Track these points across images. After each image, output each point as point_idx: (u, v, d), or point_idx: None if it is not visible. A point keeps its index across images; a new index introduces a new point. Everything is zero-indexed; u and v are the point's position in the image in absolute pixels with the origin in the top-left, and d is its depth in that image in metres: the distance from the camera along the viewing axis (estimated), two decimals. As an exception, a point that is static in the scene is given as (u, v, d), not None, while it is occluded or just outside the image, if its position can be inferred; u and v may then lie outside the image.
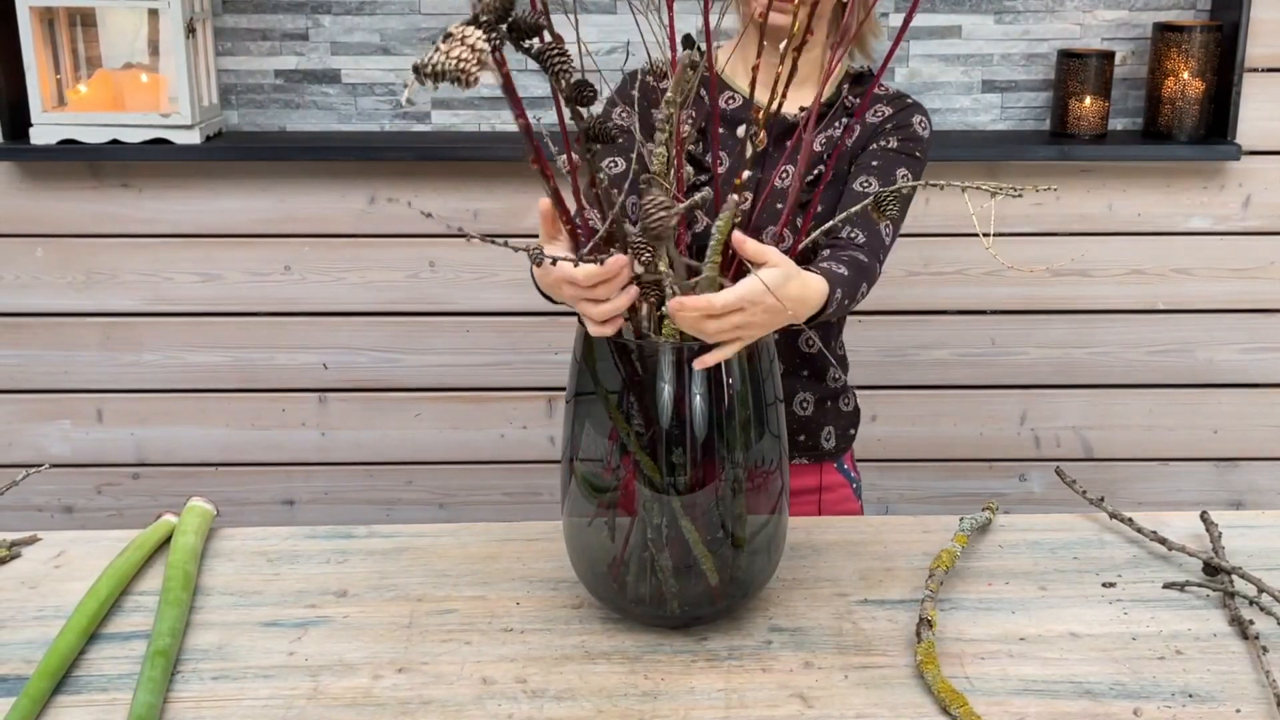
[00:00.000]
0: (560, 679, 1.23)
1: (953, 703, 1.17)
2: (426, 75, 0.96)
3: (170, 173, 2.57)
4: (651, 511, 1.25)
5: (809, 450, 1.74)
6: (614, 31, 2.55)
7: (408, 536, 1.53)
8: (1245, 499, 2.77)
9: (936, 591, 1.35)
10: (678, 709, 1.18)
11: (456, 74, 0.96)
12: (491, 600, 1.38)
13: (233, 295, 2.65)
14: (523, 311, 2.68)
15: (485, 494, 2.80)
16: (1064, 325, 2.69)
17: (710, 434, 1.24)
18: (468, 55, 0.97)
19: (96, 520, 2.78)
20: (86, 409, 2.72)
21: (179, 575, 1.36)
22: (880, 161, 1.62)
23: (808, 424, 1.73)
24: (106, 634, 1.31)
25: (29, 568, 1.45)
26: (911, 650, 1.27)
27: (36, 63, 2.42)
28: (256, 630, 1.32)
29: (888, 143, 1.63)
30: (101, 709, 1.18)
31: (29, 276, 2.63)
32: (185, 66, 2.41)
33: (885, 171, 1.61)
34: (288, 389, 2.72)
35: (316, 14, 2.56)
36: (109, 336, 2.67)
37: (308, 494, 2.79)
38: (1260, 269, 2.67)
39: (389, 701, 1.19)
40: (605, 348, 1.24)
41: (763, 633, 1.31)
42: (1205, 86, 2.52)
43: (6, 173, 2.57)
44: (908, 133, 1.65)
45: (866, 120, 1.65)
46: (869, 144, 1.64)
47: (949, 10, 2.58)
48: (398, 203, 2.59)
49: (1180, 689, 1.22)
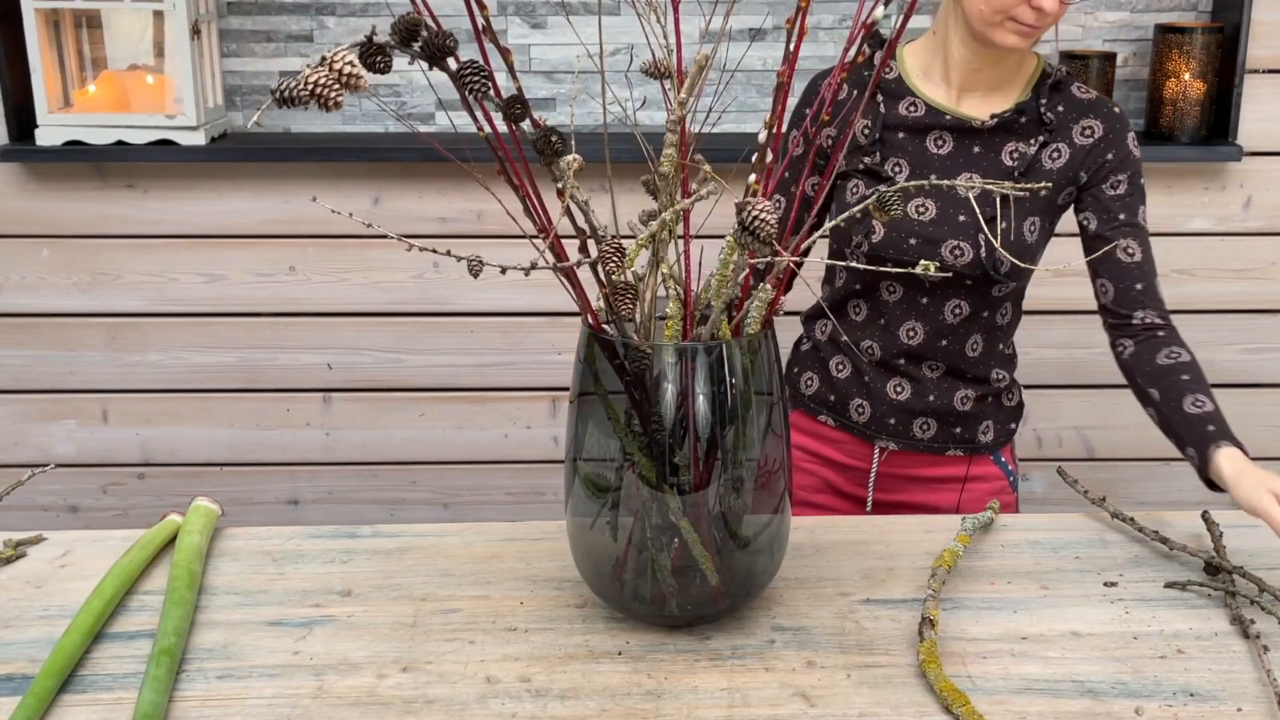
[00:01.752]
0: (564, 678, 1.23)
1: (955, 702, 1.17)
2: (279, 100, 0.98)
3: (175, 174, 2.58)
4: (652, 512, 1.26)
5: (964, 443, 1.78)
6: (617, 33, 2.56)
7: (412, 536, 1.53)
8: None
9: (939, 591, 1.35)
10: (681, 708, 1.19)
11: (308, 98, 0.98)
12: (495, 600, 1.38)
13: (237, 296, 2.66)
14: (526, 312, 2.69)
15: (489, 494, 2.80)
16: (1066, 325, 2.70)
17: (713, 434, 1.24)
18: (327, 79, 0.99)
19: (102, 520, 2.79)
20: (92, 409, 2.73)
21: (184, 575, 1.37)
22: (1125, 214, 1.63)
23: (966, 418, 1.76)
24: (112, 633, 1.31)
25: (35, 567, 1.46)
26: (914, 649, 1.28)
27: (42, 64, 2.43)
28: (261, 629, 1.32)
29: (1117, 188, 1.63)
30: (107, 708, 1.19)
31: (34, 277, 2.64)
32: (190, 68, 2.41)
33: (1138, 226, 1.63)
34: (292, 389, 2.73)
35: (321, 15, 2.57)
36: (114, 337, 2.68)
37: (312, 494, 2.79)
38: (1261, 269, 2.67)
39: (393, 700, 1.20)
40: (608, 348, 1.25)
41: (766, 632, 1.32)
42: (1206, 88, 2.52)
43: (12, 174, 2.57)
44: (1129, 164, 1.64)
45: (1075, 141, 1.64)
46: (1096, 180, 1.64)
47: (951, 11, 2.58)
48: (399, 203, 2.60)
49: (1181, 688, 1.22)
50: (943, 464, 1.78)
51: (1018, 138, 1.64)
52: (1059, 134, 1.63)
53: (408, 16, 1.07)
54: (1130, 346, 1.61)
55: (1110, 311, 1.64)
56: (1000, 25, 1.54)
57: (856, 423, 1.76)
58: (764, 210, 1.12)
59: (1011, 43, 1.55)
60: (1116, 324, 1.63)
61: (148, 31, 2.51)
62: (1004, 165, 1.64)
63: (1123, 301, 1.62)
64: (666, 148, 1.21)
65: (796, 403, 1.81)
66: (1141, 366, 1.58)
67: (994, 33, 1.55)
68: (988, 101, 1.65)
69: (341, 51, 1.00)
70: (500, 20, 2.56)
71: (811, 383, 1.79)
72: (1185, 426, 1.49)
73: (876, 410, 1.74)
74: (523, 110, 1.13)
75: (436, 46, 1.07)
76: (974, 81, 1.64)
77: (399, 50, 1.06)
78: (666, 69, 1.21)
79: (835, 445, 1.79)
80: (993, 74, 1.63)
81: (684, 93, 1.19)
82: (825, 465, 1.79)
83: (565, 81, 2.61)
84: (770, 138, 1.19)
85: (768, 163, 1.20)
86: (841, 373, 1.75)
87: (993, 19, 1.54)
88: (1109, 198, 1.63)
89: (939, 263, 1.61)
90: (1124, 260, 1.62)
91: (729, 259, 1.22)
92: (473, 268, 1.11)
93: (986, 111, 1.64)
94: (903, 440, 1.76)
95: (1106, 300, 1.64)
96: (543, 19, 2.57)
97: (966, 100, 1.65)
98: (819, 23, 2.57)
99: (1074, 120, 1.64)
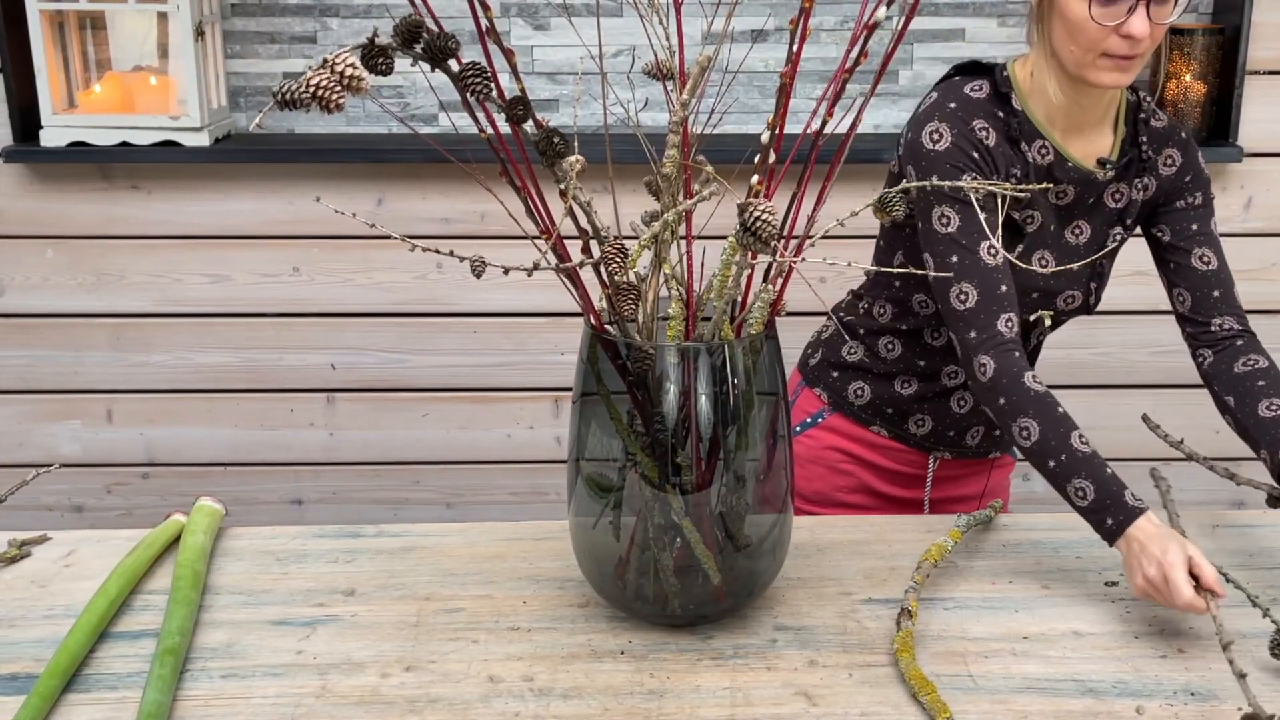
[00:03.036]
0: (567, 677, 1.24)
1: (921, 690, 1.19)
2: (280, 102, 0.98)
3: (179, 175, 2.59)
4: (654, 511, 1.26)
5: (1003, 445, 1.84)
6: (619, 35, 2.56)
7: (415, 536, 1.54)
8: (1247, 499, 2.78)
9: (922, 584, 1.36)
10: (683, 707, 1.19)
11: (310, 101, 0.99)
12: (498, 599, 1.39)
13: (241, 296, 2.67)
14: (529, 312, 2.69)
15: (492, 494, 2.81)
16: (1067, 326, 2.68)
17: (715, 434, 1.24)
18: (328, 81, 0.99)
19: (106, 520, 2.79)
20: (96, 409, 2.73)
21: (188, 574, 1.37)
22: (1196, 225, 1.63)
23: None
24: (116, 633, 1.32)
25: (39, 567, 1.46)
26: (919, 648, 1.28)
27: (47, 65, 2.43)
28: (265, 629, 1.33)
29: (1194, 199, 1.64)
30: (111, 707, 1.19)
31: (39, 278, 2.65)
32: (194, 69, 2.42)
33: (1211, 234, 1.64)
34: (296, 389, 2.73)
35: (324, 17, 2.57)
36: (119, 337, 2.69)
37: (316, 494, 2.80)
38: (1262, 270, 2.67)
39: (396, 700, 1.20)
40: (611, 349, 1.25)
41: (768, 631, 1.32)
42: (1207, 89, 2.52)
43: (17, 175, 2.58)
44: (1202, 180, 1.65)
45: (1160, 173, 1.63)
46: (1172, 199, 1.64)
47: (952, 14, 2.58)
48: (403, 204, 2.61)
49: (1182, 687, 1.22)
50: (984, 465, 1.84)
51: (1120, 179, 1.62)
52: (1150, 168, 1.63)
53: (409, 18, 1.07)
54: (1210, 356, 1.62)
55: (1189, 320, 1.64)
56: (1094, 64, 1.48)
57: (914, 435, 1.76)
58: (766, 211, 1.12)
59: (1111, 80, 1.48)
60: (1196, 332, 1.63)
61: (152, 33, 2.51)
62: (1109, 208, 1.63)
63: (1200, 309, 1.62)
64: (669, 149, 1.21)
65: (838, 408, 1.78)
66: (1220, 375, 1.59)
67: (1090, 73, 1.48)
68: (1090, 142, 1.60)
69: (343, 53, 1.01)
70: (503, 22, 2.56)
71: (863, 393, 1.75)
72: (1259, 430, 1.50)
73: (938, 425, 1.75)
74: (525, 111, 1.13)
75: (438, 48, 1.08)
76: (1079, 124, 1.58)
77: (401, 52, 1.07)
78: (669, 70, 1.21)
79: (885, 453, 1.78)
80: (1096, 111, 1.58)
81: (686, 94, 1.19)
82: (867, 469, 1.79)
83: (568, 83, 2.62)
84: (773, 138, 1.19)
85: (770, 164, 1.21)
86: (907, 389, 1.73)
87: (1085, 59, 1.47)
88: (1182, 209, 1.63)
89: (1053, 310, 1.64)
90: (1200, 269, 1.62)
91: (731, 259, 1.22)
92: (476, 268, 1.12)
93: (1091, 151, 1.59)
94: (955, 449, 1.79)
95: (1185, 309, 1.64)
96: (545, 20, 2.57)
97: (1073, 142, 1.59)
98: (821, 24, 2.58)
99: (1158, 152, 1.63)
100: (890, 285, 1.71)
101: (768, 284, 1.24)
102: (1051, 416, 1.42)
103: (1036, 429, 1.41)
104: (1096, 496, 1.36)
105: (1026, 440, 1.42)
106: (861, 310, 1.75)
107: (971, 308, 1.48)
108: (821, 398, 1.78)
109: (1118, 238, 1.64)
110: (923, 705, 1.18)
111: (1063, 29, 1.47)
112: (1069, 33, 1.46)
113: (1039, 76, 1.55)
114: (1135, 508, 1.34)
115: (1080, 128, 1.58)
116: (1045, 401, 1.43)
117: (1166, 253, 1.64)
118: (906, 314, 1.70)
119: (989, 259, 1.49)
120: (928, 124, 1.53)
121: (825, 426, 1.77)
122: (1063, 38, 1.48)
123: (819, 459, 1.77)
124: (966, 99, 1.54)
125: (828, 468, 1.77)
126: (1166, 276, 1.65)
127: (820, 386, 1.79)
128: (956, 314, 1.49)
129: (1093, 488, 1.36)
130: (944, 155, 1.51)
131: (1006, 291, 1.49)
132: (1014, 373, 1.45)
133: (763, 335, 1.26)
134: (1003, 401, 1.45)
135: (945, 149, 1.51)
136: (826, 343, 1.80)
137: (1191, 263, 1.62)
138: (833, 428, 1.78)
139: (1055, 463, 1.40)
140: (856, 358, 1.76)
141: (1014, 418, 1.43)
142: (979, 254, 1.49)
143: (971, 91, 1.55)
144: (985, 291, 1.48)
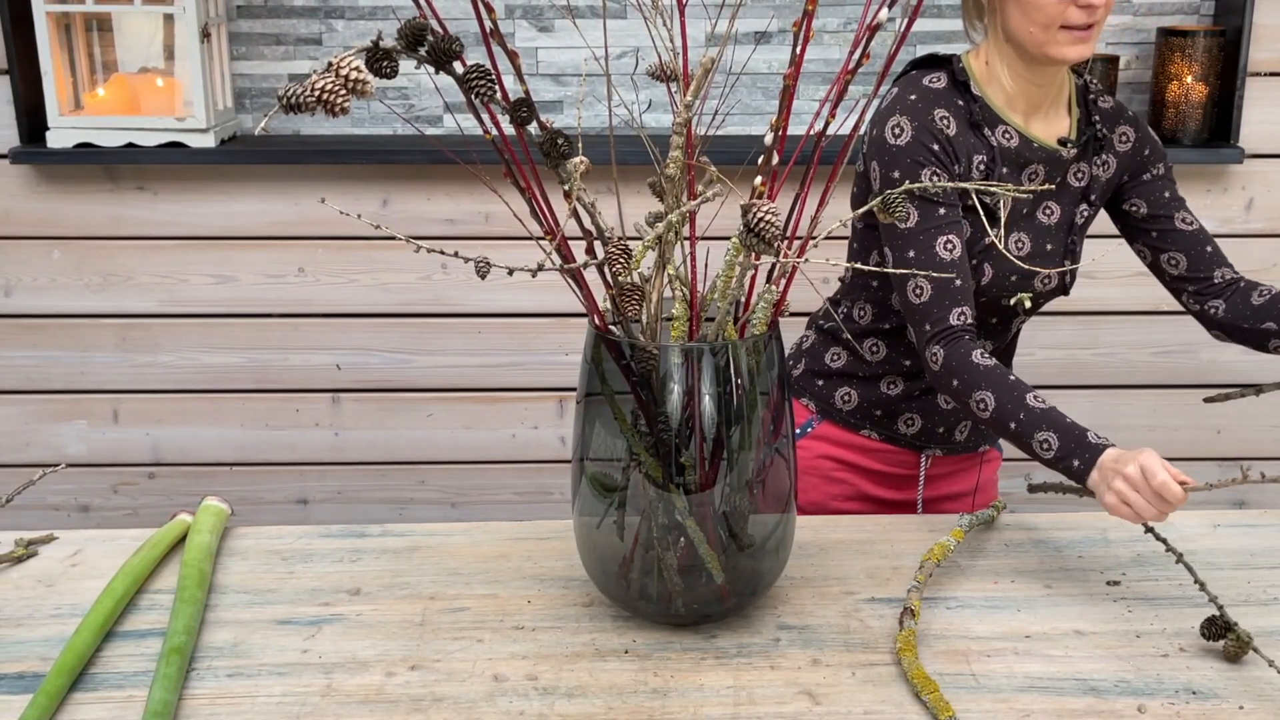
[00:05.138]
0: (571, 676, 1.24)
1: (924, 689, 1.19)
2: (285, 106, 0.99)
3: (185, 176, 2.60)
4: (658, 511, 1.26)
5: (990, 437, 1.85)
6: (623, 36, 2.57)
7: (420, 535, 1.54)
8: (1248, 499, 2.78)
9: (924, 583, 1.36)
10: (687, 706, 1.20)
11: (315, 104, 0.99)
12: (503, 598, 1.39)
13: (247, 297, 2.67)
14: (534, 313, 2.70)
15: (497, 493, 2.81)
16: (1070, 327, 2.70)
17: (719, 434, 1.25)
18: (333, 85, 1.00)
19: (112, 519, 2.80)
20: (103, 409, 2.74)
21: (194, 574, 1.38)
22: (1169, 192, 1.68)
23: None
24: (122, 632, 1.33)
25: (46, 566, 1.47)
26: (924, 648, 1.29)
27: (53, 67, 2.44)
28: (271, 628, 1.34)
29: (1157, 170, 1.68)
30: (117, 705, 1.20)
31: (46, 278, 2.65)
32: (200, 71, 2.43)
33: (1182, 199, 1.69)
34: (301, 389, 2.74)
35: (330, 19, 2.58)
36: (125, 338, 2.69)
37: (321, 493, 2.81)
38: (1263, 271, 2.67)
39: (401, 699, 1.21)
40: (615, 349, 1.26)
41: (771, 630, 1.33)
42: (1209, 91, 2.53)
43: (24, 176, 2.59)
44: (1159, 151, 1.69)
45: (1117, 149, 1.67)
46: (1137, 173, 1.68)
47: (954, 15, 2.58)
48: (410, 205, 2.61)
49: (1184, 686, 1.23)
50: (973, 460, 1.84)
51: (1081, 158, 1.65)
52: (1106, 146, 1.66)
53: (414, 21, 1.08)
54: (1222, 305, 1.64)
55: (1188, 279, 1.66)
56: (1055, 40, 1.50)
57: (905, 435, 1.77)
58: (769, 212, 1.13)
59: (1076, 53, 1.51)
60: (1199, 289, 1.66)
61: (158, 34, 2.52)
62: (1074, 187, 1.66)
63: (1199, 266, 1.65)
64: (672, 150, 1.22)
65: (826, 415, 1.78)
66: (1244, 312, 1.62)
67: (1053, 49, 1.51)
68: (1050, 124, 1.63)
69: (348, 57, 1.02)
70: (507, 24, 2.57)
71: (850, 398, 1.76)
72: None
73: (927, 422, 1.76)
74: (529, 113, 1.14)
75: (442, 51, 1.08)
76: (1037, 105, 1.61)
77: (405, 55, 1.07)
78: (672, 72, 1.22)
79: (877, 456, 1.79)
80: (1050, 91, 1.61)
81: (690, 95, 1.20)
82: (860, 474, 1.80)
83: (572, 84, 2.62)
84: (776, 140, 1.20)
85: (773, 165, 1.21)
86: (894, 390, 1.74)
87: (1045, 36, 1.50)
88: (1150, 180, 1.67)
89: (1031, 292, 1.65)
90: (1187, 230, 1.66)
91: (734, 260, 1.23)
92: (480, 269, 1.12)
93: (1052, 133, 1.62)
94: (946, 446, 1.79)
95: (1180, 270, 1.66)
96: (550, 22, 2.58)
97: (1035, 124, 1.62)
98: (824, 26, 2.58)
99: (1112, 130, 1.67)
100: (868, 286, 1.72)
101: (771, 284, 1.25)
102: (1004, 384, 1.45)
103: (991, 398, 1.45)
104: (1061, 443, 1.39)
105: (985, 411, 1.45)
106: (841, 314, 1.76)
107: (925, 301, 1.52)
108: (809, 407, 1.79)
109: (1084, 214, 1.67)
110: (925, 704, 1.18)
111: (1019, 13, 1.52)
112: (1026, 14, 1.51)
113: (994, 65, 1.59)
114: (1099, 444, 1.37)
115: (1038, 109, 1.62)
116: (996, 372, 1.46)
117: (1148, 223, 1.68)
118: (887, 314, 1.71)
119: (944, 254, 1.52)
120: (889, 119, 1.56)
121: (815, 436, 1.78)
122: (1020, 21, 1.52)
123: (812, 469, 1.78)
124: (926, 90, 1.57)
125: (822, 477, 1.78)
126: (1150, 246, 1.68)
127: (807, 396, 1.79)
128: (912, 307, 1.54)
129: (1055, 436, 1.39)
130: (905, 150, 1.54)
131: (961, 286, 1.52)
132: (961, 354, 1.49)
133: (766, 335, 1.26)
134: (956, 383, 1.48)
135: (906, 143, 1.54)
136: (808, 352, 1.81)
137: (1177, 226, 1.66)
138: (823, 436, 1.78)
139: (1015, 423, 1.42)
140: (840, 363, 1.76)
141: (969, 394, 1.47)
142: (935, 249, 1.53)
143: (930, 83, 1.58)
144: (939, 285, 1.52)
